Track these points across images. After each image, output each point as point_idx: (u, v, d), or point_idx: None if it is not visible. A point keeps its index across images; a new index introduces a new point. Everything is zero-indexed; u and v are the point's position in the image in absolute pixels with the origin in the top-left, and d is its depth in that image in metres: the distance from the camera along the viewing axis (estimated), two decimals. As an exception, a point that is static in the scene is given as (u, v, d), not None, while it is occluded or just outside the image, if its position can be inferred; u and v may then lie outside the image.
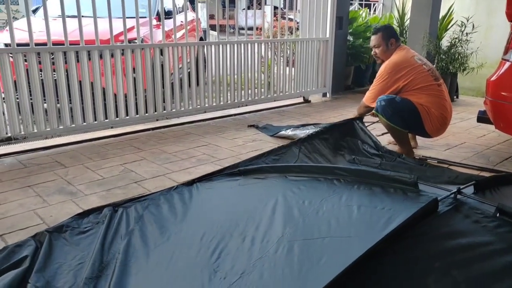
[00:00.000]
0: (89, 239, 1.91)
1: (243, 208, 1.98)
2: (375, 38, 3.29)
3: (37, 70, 3.34)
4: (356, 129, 3.31)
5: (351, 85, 6.63)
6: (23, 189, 2.65)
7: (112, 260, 1.72)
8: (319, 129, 3.23)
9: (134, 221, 2.02)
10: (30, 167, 3.05)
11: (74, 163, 3.15)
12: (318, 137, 3.10)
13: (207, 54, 4.51)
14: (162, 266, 1.66)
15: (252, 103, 5.03)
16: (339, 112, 5.00)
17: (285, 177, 2.16)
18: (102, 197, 2.54)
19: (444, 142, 3.70)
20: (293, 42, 5.36)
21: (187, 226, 1.92)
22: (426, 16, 5.45)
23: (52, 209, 2.38)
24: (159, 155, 3.34)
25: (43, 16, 3.44)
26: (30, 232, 2.03)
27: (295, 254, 1.48)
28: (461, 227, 1.46)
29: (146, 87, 4.02)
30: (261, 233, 1.67)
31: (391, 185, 1.77)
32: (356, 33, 6.42)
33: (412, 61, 3.14)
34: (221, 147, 3.57)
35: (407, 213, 1.48)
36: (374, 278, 1.32)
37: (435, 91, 3.10)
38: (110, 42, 3.72)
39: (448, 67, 5.39)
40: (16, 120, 3.32)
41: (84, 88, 3.62)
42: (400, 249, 1.40)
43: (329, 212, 1.68)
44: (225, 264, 1.56)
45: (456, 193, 1.61)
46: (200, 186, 2.37)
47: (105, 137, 3.82)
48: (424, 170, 2.80)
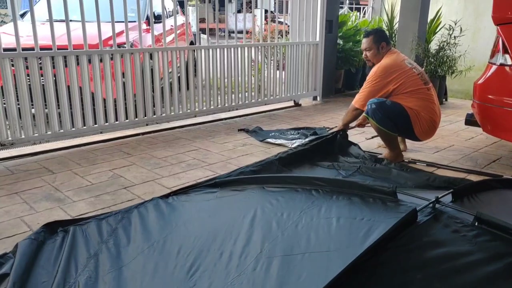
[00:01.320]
0: (58, 252, 1.83)
1: (220, 221, 1.92)
2: (366, 41, 3.31)
3: (24, 75, 3.31)
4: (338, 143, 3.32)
5: (342, 89, 6.66)
6: (10, 196, 2.62)
7: (80, 277, 1.65)
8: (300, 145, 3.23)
9: (107, 235, 1.94)
10: (17, 174, 3.01)
11: (62, 169, 3.12)
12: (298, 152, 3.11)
13: (197, 58, 4.50)
14: (136, 282, 1.59)
15: (242, 107, 5.03)
16: (330, 115, 5.02)
17: (263, 188, 2.12)
18: (90, 204, 2.51)
19: (433, 145, 3.72)
20: (283, 45, 5.38)
21: (163, 240, 1.85)
22: (414, 19, 5.50)
23: (39, 216, 2.35)
24: (148, 160, 3.32)
25: (30, 21, 3.40)
26: (17, 240, 1.99)
27: (274, 271, 1.44)
28: (441, 237, 1.45)
29: (135, 91, 4.00)
30: (239, 248, 1.62)
31: (369, 195, 1.75)
32: (345, 36, 6.45)
33: (403, 64, 3.17)
34: (211, 152, 3.56)
35: (387, 224, 1.47)
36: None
37: (424, 94, 3.13)
38: (99, 47, 3.70)
39: (437, 70, 5.43)
40: (3, 125, 3.28)
41: (73, 93, 3.59)
42: (381, 261, 1.39)
43: (308, 225, 1.65)
44: (202, 282, 1.50)
45: (434, 202, 1.61)
46: (177, 198, 2.29)
47: (94, 142, 3.79)
48: (403, 174, 2.80)
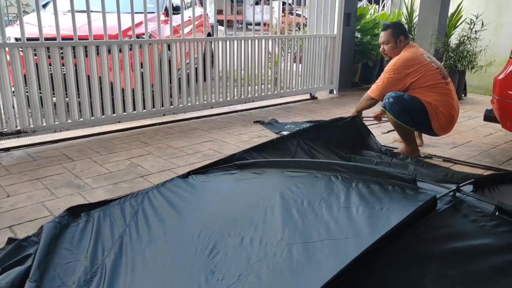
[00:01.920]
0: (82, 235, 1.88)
1: (241, 205, 1.94)
2: (384, 34, 3.27)
3: (46, 64, 3.38)
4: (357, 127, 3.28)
5: (358, 82, 6.62)
6: (32, 182, 2.70)
7: (107, 257, 1.70)
8: (318, 123, 3.21)
9: (129, 217, 1.99)
10: (38, 160, 3.10)
11: (82, 156, 3.19)
12: (316, 132, 3.08)
13: (214, 49, 4.53)
14: (158, 263, 1.63)
15: (258, 99, 5.04)
16: (346, 109, 5.00)
17: (282, 172, 2.13)
18: (108, 191, 2.58)
19: (450, 141, 3.69)
20: (300, 38, 5.36)
21: (184, 221, 1.89)
22: (434, 13, 5.42)
23: (60, 201, 2.42)
24: (165, 150, 3.37)
25: (52, 11, 3.47)
26: (38, 224, 2.07)
27: (293, 257, 1.46)
28: (460, 227, 1.45)
29: (153, 82, 4.05)
30: (259, 234, 1.64)
31: (389, 182, 1.75)
32: (364, 30, 6.40)
33: (422, 58, 3.14)
34: (227, 143, 3.60)
35: (405, 212, 1.47)
36: (371, 278, 1.32)
37: (443, 89, 3.10)
38: (119, 37, 3.75)
39: (456, 65, 5.35)
40: (25, 113, 3.37)
41: (92, 83, 3.66)
42: (398, 249, 1.39)
43: (328, 213, 1.66)
44: (223, 264, 1.53)
45: (455, 190, 1.60)
46: (196, 178, 2.31)
47: (113, 131, 3.86)
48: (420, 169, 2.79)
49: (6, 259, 1.75)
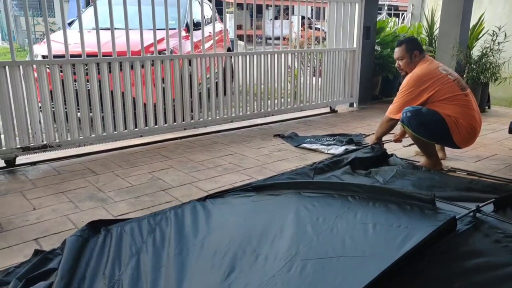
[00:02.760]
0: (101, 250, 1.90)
1: (256, 224, 1.95)
2: (398, 50, 3.27)
3: (71, 80, 3.48)
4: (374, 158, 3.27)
5: (379, 95, 6.57)
6: (57, 195, 2.76)
7: (124, 273, 1.71)
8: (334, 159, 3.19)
9: (147, 235, 2.01)
10: (63, 174, 3.17)
11: (105, 170, 3.25)
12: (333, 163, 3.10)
13: (234, 64, 4.58)
14: (174, 281, 1.64)
15: (278, 113, 5.06)
16: (366, 122, 4.97)
17: (299, 193, 2.13)
18: (130, 204, 2.61)
19: (474, 154, 3.62)
20: (320, 52, 5.38)
21: (200, 241, 1.90)
22: (456, 25, 5.36)
23: (83, 214, 2.46)
24: (186, 164, 3.41)
25: (77, 29, 3.59)
26: (63, 236, 2.11)
27: (309, 274, 1.44)
28: (481, 247, 1.42)
29: (174, 97, 4.12)
30: (274, 251, 1.63)
31: (407, 202, 1.73)
32: (383, 43, 6.38)
33: (437, 72, 3.10)
34: (247, 157, 3.61)
35: (425, 232, 1.44)
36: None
37: (462, 101, 3.05)
38: (141, 54, 3.84)
39: (479, 77, 5.27)
40: (51, 128, 3.46)
41: (116, 98, 3.74)
42: (419, 268, 1.37)
43: (343, 230, 1.64)
44: (238, 283, 1.52)
45: (475, 211, 1.57)
46: (213, 201, 2.35)
47: (135, 145, 3.93)
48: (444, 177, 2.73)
49: (31, 271, 1.78)
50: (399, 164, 3.13)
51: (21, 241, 2.14)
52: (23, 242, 2.13)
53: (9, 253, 2.02)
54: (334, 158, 3.19)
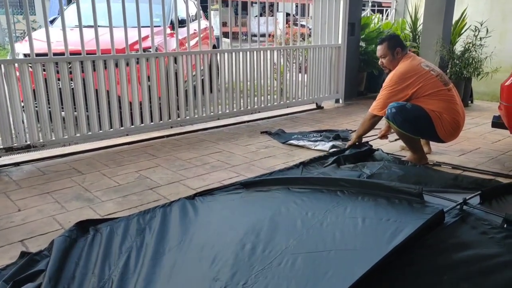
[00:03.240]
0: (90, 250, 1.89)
1: (245, 219, 1.95)
2: (381, 48, 3.30)
3: (55, 79, 3.43)
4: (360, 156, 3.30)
5: (364, 91, 6.63)
6: (42, 196, 2.71)
7: (114, 272, 1.71)
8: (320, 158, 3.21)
9: (136, 234, 2.01)
10: (48, 174, 3.12)
11: (91, 170, 3.21)
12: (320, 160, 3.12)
13: (220, 61, 4.56)
14: (163, 277, 1.64)
15: (265, 109, 5.06)
16: (352, 118, 5.00)
17: (288, 189, 2.14)
18: (118, 204, 2.58)
19: (459, 148, 3.67)
20: (305, 48, 5.39)
21: (189, 237, 1.90)
22: (439, 21, 5.43)
23: (70, 215, 2.43)
24: (173, 162, 3.39)
25: (59, 27, 3.53)
26: (50, 237, 2.08)
27: (300, 267, 1.45)
28: (469, 239, 1.45)
29: (160, 95, 4.08)
30: (263, 244, 1.64)
31: (396, 196, 1.75)
32: (368, 39, 6.43)
33: (419, 68, 3.14)
34: (234, 154, 3.61)
35: (414, 225, 1.46)
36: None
37: (445, 96, 3.09)
38: (126, 51, 3.79)
39: (462, 72, 5.35)
40: (35, 128, 3.40)
41: (100, 97, 3.69)
42: (408, 262, 1.38)
43: (333, 224, 1.66)
44: (225, 273, 1.53)
45: (462, 204, 1.60)
46: (202, 199, 2.35)
47: (121, 144, 3.89)
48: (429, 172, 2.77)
49: (18, 273, 1.75)
50: (386, 159, 3.17)
51: (6, 242, 2.10)
52: (8, 244, 2.09)
53: (-5, 256, 1.98)
54: (320, 158, 3.20)
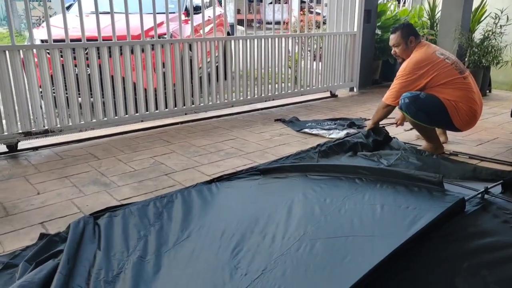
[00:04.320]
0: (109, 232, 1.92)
1: (263, 206, 1.96)
2: (394, 37, 3.24)
3: (72, 65, 3.46)
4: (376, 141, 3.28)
5: (379, 80, 6.55)
6: (60, 180, 2.76)
7: (132, 255, 1.73)
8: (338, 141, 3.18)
9: (154, 218, 2.02)
10: (65, 159, 3.17)
11: (107, 155, 3.25)
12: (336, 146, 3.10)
13: (234, 48, 4.55)
14: (182, 263, 1.66)
15: (279, 97, 5.04)
16: (366, 106, 4.96)
17: (305, 176, 2.13)
18: (134, 189, 2.62)
19: (476, 137, 3.62)
20: (320, 36, 5.34)
21: (207, 223, 1.92)
22: (458, 8, 5.32)
23: (87, 199, 2.47)
24: (188, 148, 3.41)
25: (76, 13, 3.54)
26: (68, 220, 2.12)
27: (318, 252, 1.45)
28: (490, 227, 1.43)
29: (175, 81, 4.10)
30: (281, 231, 1.65)
31: (415, 184, 1.73)
32: (384, 26, 6.32)
33: (434, 57, 3.08)
34: (248, 141, 3.61)
35: (433, 213, 1.45)
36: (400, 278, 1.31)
37: (461, 84, 3.03)
38: (141, 38, 3.80)
39: (481, 60, 5.25)
40: (52, 113, 3.45)
41: (116, 83, 3.72)
42: (427, 249, 1.38)
43: (351, 210, 1.65)
44: (246, 260, 1.55)
45: (483, 192, 1.58)
46: (220, 185, 2.36)
47: (136, 130, 3.92)
48: (447, 164, 2.74)
49: (39, 254, 1.80)
50: (402, 147, 3.14)
51: (27, 224, 2.15)
52: (29, 226, 2.14)
53: (16, 237, 2.03)
54: (338, 140, 3.18)
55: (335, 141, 3.16)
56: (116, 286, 1.57)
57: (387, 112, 3.27)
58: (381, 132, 3.34)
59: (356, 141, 3.16)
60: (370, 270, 1.21)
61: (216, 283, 1.49)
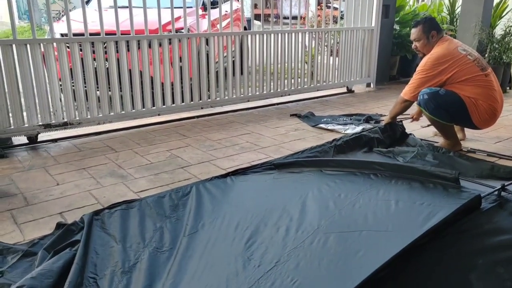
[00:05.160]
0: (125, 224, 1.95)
1: (277, 199, 1.98)
2: (415, 31, 3.18)
3: (91, 59, 3.51)
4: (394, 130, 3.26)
5: (396, 76, 6.48)
6: (79, 171, 2.82)
7: (148, 247, 1.77)
8: (354, 136, 3.15)
9: (170, 210, 2.06)
10: (84, 151, 3.23)
11: (124, 148, 3.30)
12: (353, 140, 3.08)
13: (251, 43, 4.55)
14: (196, 254, 1.69)
15: (295, 92, 5.04)
16: (383, 103, 4.92)
17: (320, 171, 2.14)
18: (150, 181, 2.66)
19: (495, 135, 3.56)
20: (337, 31, 5.30)
21: (222, 215, 1.94)
22: (479, 3, 5.21)
23: (105, 190, 2.52)
24: (203, 142, 3.44)
25: (95, 7, 3.59)
26: (86, 210, 2.17)
27: (331, 246, 1.46)
28: (506, 225, 1.42)
29: (191, 75, 4.13)
30: (295, 224, 1.66)
31: (430, 181, 1.72)
32: (402, 21, 6.24)
33: (456, 52, 3.02)
34: (263, 136, 3.62)
35: (449, 209, 1.44)
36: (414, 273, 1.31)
37: (482, 81, 2.98)
38: (159, 32, 3.84)
39: (501, 56, 5.15)
40: (71, 106, 3.51)
41: (134, 77, 3.77)
42: (442, 245, 1.37)
43: (365, 205, 1.65)
44: (259, 252, 1.56)
45: (500, 189, 1.56)
46: (235, 179, 2.38)
47: (152, 123, 3.97)
48: (464, 162, 2.71)
49: (57, 243, 1.84)
50: (419, 144, 3.11)
51: (46, 214, 2.21)
52: (48, 216, 2.20)
53: (36, 226, 2.09)
54: (353, 135, 3.16)
55: (351, 136, 3.14)
56: (132, 275, 1.60)
57: (405, 107, 3.23)
58: (398, 128, 3.31)
59: (372, 136, 3.14)
60: (383, 265, 1.22)
61: (230, 274, 1.51)
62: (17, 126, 3.29)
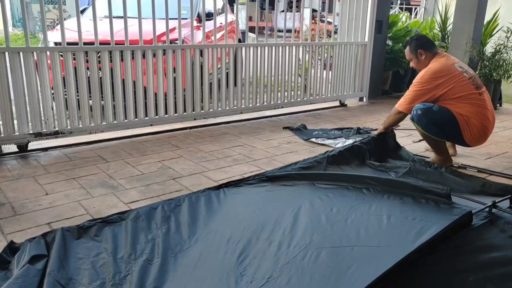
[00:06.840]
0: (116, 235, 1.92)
1: (270, 213, 1.97)
2: (406, 52, 3.33)
3: (84, 68, 3.50)
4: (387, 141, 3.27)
5: (389, 90, 6.54)
6: (68, 181, 2.79)
7: (139, 259, 1.74)
8: (347, 146, 3.16)
9: (161, 222, 2.04)
10: (74, 160, 3.20)
11: (115, 158, 3.28)
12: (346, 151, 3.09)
13: (245, 55, 4.57)
14: (188, 268, 1.67)
15: (288, 105, 5.05)
16: (375, 117, 4.95)
17: (313, 184, 2.15)
18: (141, 192, 2.63)
19: (485, 151, 3.60)
20: (331, 45, 5.35)
21: (214, 228, 1.93)
22: (470, 21, 5.30)
23: (95, 201, 2.49)
24: (195, 154, 3.42)
25: (89, 17, 3.59)
26: (75, 221, 2.14)
27: (323, 261, 1.46)
28: (497, 242, 1.42)
29: (185, 86, 4.13)
30: (288, 238, 1.65)
31: (422, 196, 1.73)
32: (395, 37, 6.33)
33: (452, 68, 3.06)
34: (256, 148, 3.62)
35: (440, 225, 1.45)
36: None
37: (476, 100, 3.01)
38: (153, 43, 3.84)
39: (492, 74, 5.22)
40: (63, 115, 3.49)
41: (127, 87, 3.76)
42: (433, 261, 1.37)
43: (358, 220, 1.65)
44: (252, 268, 1.55)
45: (491, 206, 1.57)
46: (227, 191, 2.38)
47: (145, 134, 3.95)
48: (456, 179, 2.73)
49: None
50: (411, 158, 3.12)
51: (34, 224, 2.18)
52: (36, 226, 2.16)
53: (23, 236, 2.04)
54: (347, 145, 3.16)
55: (344, 147, 3.15)
56: (122, 288, 1.58)
57: (399, 118, 3.25)
58: (390, 139, 3.32)
59: (365, 147, 3.14)
60: (375, 281, 1.21)
61: (221, 289, 1.49)
62: (8, 134, 3.26)
